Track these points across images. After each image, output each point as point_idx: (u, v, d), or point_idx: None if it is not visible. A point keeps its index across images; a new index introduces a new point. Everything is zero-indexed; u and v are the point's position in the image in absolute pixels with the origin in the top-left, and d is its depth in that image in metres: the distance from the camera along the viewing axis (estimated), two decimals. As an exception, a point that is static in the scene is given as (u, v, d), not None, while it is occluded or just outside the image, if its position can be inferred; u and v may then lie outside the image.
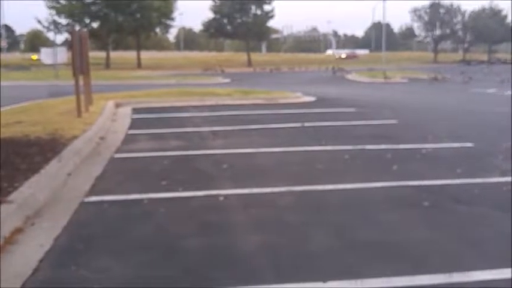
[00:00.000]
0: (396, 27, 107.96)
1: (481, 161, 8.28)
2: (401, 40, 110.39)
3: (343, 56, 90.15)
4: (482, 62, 75.97)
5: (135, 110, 15.41)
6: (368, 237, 4.91)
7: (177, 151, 9.19)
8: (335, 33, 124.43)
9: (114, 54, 68.47)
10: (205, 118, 13.89)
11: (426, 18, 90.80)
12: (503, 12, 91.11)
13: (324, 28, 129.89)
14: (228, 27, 69.67)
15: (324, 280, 3.93)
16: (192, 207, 5.85)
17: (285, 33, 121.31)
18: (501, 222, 5.35)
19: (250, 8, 67.66)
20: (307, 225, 5.26)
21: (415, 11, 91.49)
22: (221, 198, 6.13)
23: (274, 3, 67.86)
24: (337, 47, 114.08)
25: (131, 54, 69.12)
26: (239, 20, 67.96)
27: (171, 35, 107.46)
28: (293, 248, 4.65)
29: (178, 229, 5.14)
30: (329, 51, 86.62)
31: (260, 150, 9.18)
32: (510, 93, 22.29)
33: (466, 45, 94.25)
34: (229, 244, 4.72)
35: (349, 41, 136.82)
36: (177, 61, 72.18)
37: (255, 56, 74.87)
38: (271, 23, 73.70)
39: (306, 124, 12.32)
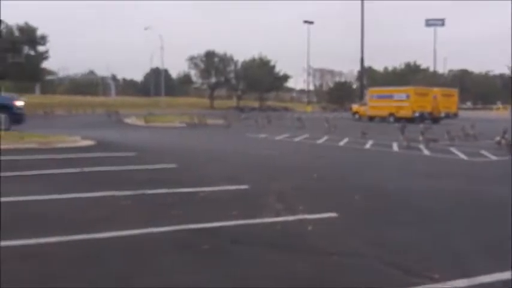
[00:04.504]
0: (174, 74, 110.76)
1: (256, 202, 8.76)
2: (180, 86, 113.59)
3: None
4: (254, 108, 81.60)
5: None
6: (148, 284, 4.88)
7: None
8: (114, 77, 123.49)
9: None
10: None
11: (202, 66, 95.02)
12: (271, 63, 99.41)
13: (102, 71, 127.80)
14: (-2, 68, 64.69)
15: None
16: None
17: (61, 74, 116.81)
18: (277, 260, 5.69)
19: (23, 48, 63.90)
20: (85, 276, 5.04)
21: (191, 59, 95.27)
22: (-11, 253, 5.58)
23: (49, 45, 64.74)
24: (117, 91, 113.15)
25: None
26: (10, 60, 63.56)
27: None
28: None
29: None
30: None
31: (34, 198, 8.58)
32: (278, 138, 24.29)
33: (239, 93, 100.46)
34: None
35: (129, 85, 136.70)
36: None
37: (27, 98, 70.24)
38: (45, 64, 70.50)
39: (86, 169, 11.89)
